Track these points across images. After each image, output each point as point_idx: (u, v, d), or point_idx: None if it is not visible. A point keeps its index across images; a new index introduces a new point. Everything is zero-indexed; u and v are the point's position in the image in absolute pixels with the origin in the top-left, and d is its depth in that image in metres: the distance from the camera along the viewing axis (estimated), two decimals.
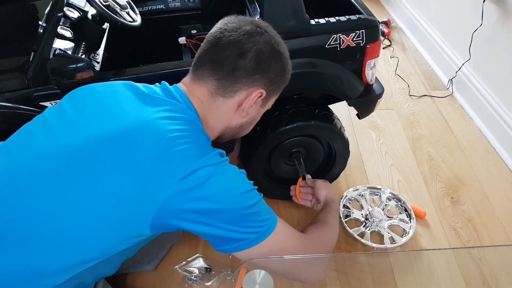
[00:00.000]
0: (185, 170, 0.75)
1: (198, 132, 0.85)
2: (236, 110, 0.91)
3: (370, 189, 1.64)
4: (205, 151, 0.80)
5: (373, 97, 1.39)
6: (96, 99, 0.88)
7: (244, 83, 0.88)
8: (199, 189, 0.76)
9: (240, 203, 0.81)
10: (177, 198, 0.75)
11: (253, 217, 0.83)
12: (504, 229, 1.51)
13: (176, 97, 0.87)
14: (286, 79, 0.97)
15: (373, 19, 1.25)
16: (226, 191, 0.79)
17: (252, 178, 1.48)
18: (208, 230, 0.81)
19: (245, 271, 1.33)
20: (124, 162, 0.76)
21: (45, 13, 1.27)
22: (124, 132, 0.78)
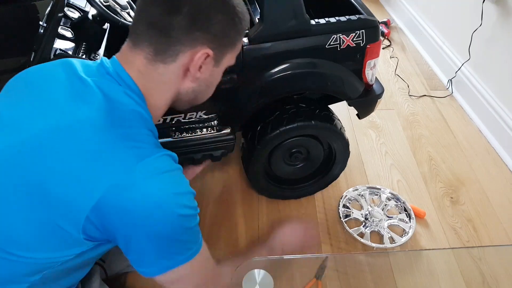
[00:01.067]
0: (117, 174, 0.66)
1: (139, 123, 0.75)
2: (184, 75, 0.79)
3: (369, 189, 1.64)
4: (148, 151, 0.70)
5: (373, 97, 1.39)
6: (27, 91, 0.79)
7: (184, 44, 0.74)
8: (131, 200, 0.66)
9: (175, 226, 0.70)
10: (107, 204, 0.66)
11: (182, 243, 0.74)
12: (504, 229, 1.52)
13: (113, 75, 0.76)
14: (240, 29, 0.81)
15: (373, 19, 1.25)
16: (166, 212, 0.68)
17: (252, 178, 1.51)
18: (133, 248, 0.72)
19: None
20: (53, 161, 0.68)
21: (46, 13, 1.27)
22: (52, 130, 0.70)
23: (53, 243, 0.72)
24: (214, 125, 1.34)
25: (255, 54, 1.19)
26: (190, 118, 1.30)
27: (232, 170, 1.73)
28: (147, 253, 0.73)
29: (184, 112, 1.28)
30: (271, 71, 1.22)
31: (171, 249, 0.73)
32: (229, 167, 1.75)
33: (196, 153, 1.37)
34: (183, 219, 0.70)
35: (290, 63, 1.22)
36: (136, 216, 0.67)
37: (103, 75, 0.77)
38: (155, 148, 0.72)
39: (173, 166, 0.73)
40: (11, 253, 0.72)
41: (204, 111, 1.30)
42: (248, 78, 1.23)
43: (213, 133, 1.33)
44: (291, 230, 1.19)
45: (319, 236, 1.37)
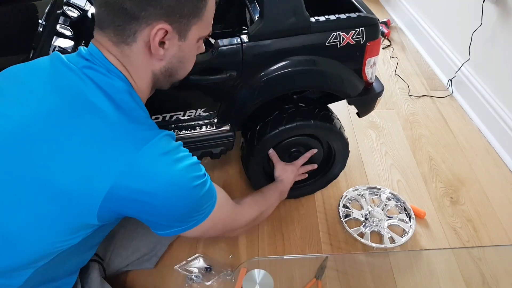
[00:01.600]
0: (126, 158, 0.67)
1: (135, 106, 0.76)
2: (150, 54, 0.77)
3: (369, 189, 1.64)
4: (151, 134, 0.71)
5: (373, 95, 1.39)
6: (16, 80, 0.79)
7: (138, 22, 0.72)
8: (142, 182, 0.69)
9: (189, 199, 0.76)
10: (120, 190, 0.68)
11: (199, 208, 0.80)
12: (504, 229, 1.51)
13: (93, 61, 0.77)
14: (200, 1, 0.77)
15: (373, 17, 1.25)
16: (178, 188, 0.72)
17: (252, 177, 1.51)
18: (150, 218, 0.78)
19: (245, 270, 1.33)
20: (55, 149, 0.68)
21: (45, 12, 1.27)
22: (50, 114, 0.71)
23: (64, 230, 0.74)
24: (213, 122, 1.34)
25: (255, 52, 1.18)
26: (190, 115, 1.30)
27: (231, 170, 1.73)
28: (165, 222, 0.79)
29: (183, 109, 1.28)
30: (271, 68, 1.21)
31: (191, 214, 0.79)
32: (228, 167, 1.75)
33: (196, 151, 1.36)
34: (196, 188, 0.76)
35: (290, 60, 1.21)
36: (151, 196, 0.70)
37: (84, 59, 0.77)
38: (156, 129, 0.74)
39: (175, 143, 0.76)
40: (18, 243, 0.72)
41: (203, 108, 1.30)
42: (247, 76, 1.23)
43: (212, 130, 1.32)
44: (284, 165, 1.38)
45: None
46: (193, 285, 1.30)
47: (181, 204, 0.75)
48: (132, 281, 1.31)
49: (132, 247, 1.22)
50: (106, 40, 0.76)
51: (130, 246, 1.21)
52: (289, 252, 1.42)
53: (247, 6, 1.41)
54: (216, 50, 1.16)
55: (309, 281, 1.33)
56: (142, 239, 1.23)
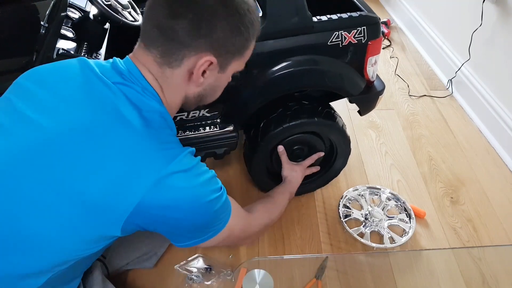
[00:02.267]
0: (155, 175, 0.70)
1: (163, 124, 0.80)
2: (189, 79, 0.81)
3: (369, 189, 1.64)
4: (176, 152, 0.75)
5: (375, 94, 1.40)
6: (44, 85, 0.80)
7: (188, 49, 0.75)
8: (169, 197, 0.73)
9: (207, 212, 0.80)
10: (146, 205, 0.71)
11: (216, 220, 0.84)
12: (504, 229, 1.52)
13: (128, 76, 0.79)
14: (247, 37, 0.80)
15: (374, 16, 1.25)
16: (197, 201, 0.77)
17: (254, 175, 1.51)
18: (170, 230, 0.82)
19: (245, 270, 1.33)
20: (87, 162, 0.70)
21: (47, 14, 1.27)
22: (83, 126, 0.72)
23: (87, 240, 0.77)
24: (216, 123, 1.34)
25: (257, 52, 1.18)
26: (193, 116, 1.30)
27: (232, 170, 1.73)
28: (185, 235, 0.83)
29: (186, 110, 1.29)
30: (274, 68, 1.22)
31: (210, 226, 0.83)
32: (229, 167, 1.75)
33: (199, 151, 1.37)
34: (215, 201, 0.80)
35: (293, 60, 1.22)
36: (175, 211, 0.75)
37: (120, 76, 0.79)
38: (180, 147, 0.78)
39: (196, 160, 0.80)
40: (42, 250, 0.74)
41: (206, 109, 1.30)
42: (250, 76, 1.23)
43: (216, 131, 1.33)
44: (291, 165, 1.40)
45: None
46: (193, 285, 1.30)
47: (202, 217, 0.79)
48: (132, 280, 1.31)
49: (133, 246, 1.22)
50: (150, 60, 0.78)
51: (131, 245, 1.21)
52: (289, 252, 1.42)
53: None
54: None
55: (309, 281, 1.33)
56: (142, 238, 1.24)
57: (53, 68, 0.83)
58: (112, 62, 0.82)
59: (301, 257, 1.40)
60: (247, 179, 1.65)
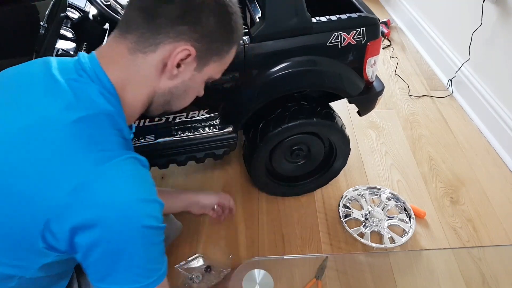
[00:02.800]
0: (78, 177, 0.61)
1: (105, 123, 0.70)
2: (162, 71, 0.74)
3: (369, 189, 1.64)
4: (111, 154, 0.65)
5: (374, 94, 1.40)
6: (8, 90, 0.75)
7: (167, 35, 0.70)
8: (91, 208, 0.61)
9: (138, 239, 0.64)
10: (65, 213, 0.61)
11: (146, 261, 0.68)
12: (504, 229, 1.52)
13: (88, 72, 0.72)
14: (231, 40, 0.77)
15: (373, 17, 1.25)
16: (124, 219, 0.62)
17: (254, 175, 1.51)
18: (93, 261, 0.66)
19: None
20: (17, 168, 0.64)
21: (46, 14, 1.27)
22: (18, 130, 0.67)
23: (16, 251, 0.69)
24: (216, 123, 1.34)
25: (257, 53, 1.19)
26: (193, 117, 1.31)
27: (232, 170, 1.73)
28: (105, 270, 0.67)
29: (186, 111, 1.29)
30: (273, 69, 1.22)
31: (133, 267, 0.67)
32: (229, 167, 1.75)
33: (199, 152, 1.37)
34: (148, 231, 0.65)
35: (292, 61, 1.22)
36: (98, 222, 0.62)
37: (78, 72, 0.73)
38: (120, 150, 0.67)
39: (139, 170, 0.67)
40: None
41: (206, 109, 1.30)
42: (249, 76, 1.23)
43: (215, 131, 1.33)
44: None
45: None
46: (193, 285, 1.30)
47: (126, 245, 0.64)
48: None
49: None
50: (121, 49, 0.72)
51: None
52: (289, 252, 1.42)
53: (247, 6, 1.41)
54: None
55: (309, 281, 1.33)
56: None
57: (17, 70, 0.79)
58: (76, 58, 0.76)
59: (301, 257, 1.41)
60: (247, 179, 1.65)
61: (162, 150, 1.30)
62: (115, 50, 0.73)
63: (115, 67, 0.73)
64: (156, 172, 1.68)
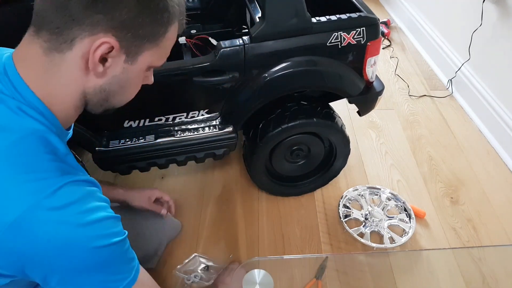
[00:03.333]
0: (12, 214, 0.57)
1: (38, 149, 0.62)
2: (85, 68, 0.64)
3: (369, 189, 1.64)
4: (50, 183, 0.59)
5: (374, 94, 1.40)
6: None
7: (81, 27, 0.60)
8: (33, 241, 0.58)
9: (90, 262, 0.62)
10: (10, 246, 0.58)
11: (106, 276, 0.66)
12: (504, 229, 1.51)
13: (5, 85, 0.63)
14: (161, 21, 0.66)
15: (373, 17, 1.25)
16: (71, 248, 0.60)
17: (254, 175, 1.52)
18: (52, 285, 0.64)
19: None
20: None
21: None
22: None
23: None
24: (216, 123, 1.34)
25: (257, 53, 1.19)
26: (193, 117, 1.31)
27: (232, 170, 1.73)
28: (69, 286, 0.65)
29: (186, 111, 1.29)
30: (273, 69, 1.22)
31: (97, 284, 0.65)
32: (229, 167, 1.75)
33: (199, 152, 1.37)
34: (101, 250, 0.62)
35: (292, 61, 1.22)
36: (45, 257, 0.60)
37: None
38: (58, 177, 0.61)
39: (80, 192, 0.62)
40: None
41: (206, 110, 1.30)
42: (249, 76, 1.23)
43: (215, 132, 1.33)
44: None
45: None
46: (193, 285, 1.30)
47: (78, 269, 0.62)
48: None
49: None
50: (35, 49, 0.63)
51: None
52: (289, 252, 1.42)
53: (247, 6, 1.41)
54: (218, 52, 1.17)
55: (309, 281, 1.33)
56: (138, 239, 1.23)
57: None
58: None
59: (301, 257, 1.40)
60: (247, 179, 1.65)
61: (162, 150, 1.30)
62: (30, 52, 0.63)
63: (34, 74, 0.64)
64: (156, 172, 1.68)
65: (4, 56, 0.66)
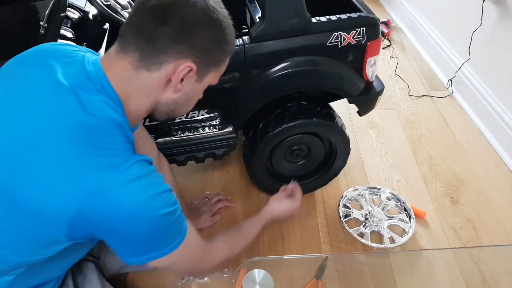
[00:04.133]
0: (94, 184, 0.68)
1: (114, 131, 0.75)
2: (166, 84, 0.80)
3: (369, 189, 1.64)
4: (122, 159, 0.71)
5: (374, 94, 1.40)
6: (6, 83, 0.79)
7: (169, 54, 0.75)
8: (111, 208, 0.69)
9: (156, 226, 0.75)
10: (86, 214, 0.69)
11: (167, 237, 0.79)
12: (504, 229, 1.51)
13: (93, 81, 0.76)
14: (225, 50, 0.83)
15: (373, 17, 1.25)
16: (144, 214, 0.72)
17: (254, 175, 1.52)
18: (117, 245, 0.78)
19: (245, 270, 1.33)
20: (27, 170, 0.69)
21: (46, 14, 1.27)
22: (28, 136, 0.71)
23: (35, 245, 0.76)
24: (216, 123, 1.34)
25: (257, 53, 1.19)
26: (193, 117, 1.31)
27: (232, 170, 1.73)
28: (132, 250, 0.78)
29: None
30: (273, 69, 1.22)
31: (157, 243, 0.78)
32: (229, 167, 1.75)
33: (199, 152, 1.37)
34: (164, 217, 0.74)
35: (292, 61, 1.22)
36: (117, 222, 0.71)
37: (82, 79, 0.76)
38: (129, 155, 0.73)
39: (147, 169, 0.75)
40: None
41: (206, 109, 1.30)
42: (249, 77, 1.23)
43: (215, 131, 1.33)
44: (279, 202, 1.26)
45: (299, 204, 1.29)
46: (187, 283, 1.31)
47: (146, 232, 0.75)
48: (132, 281, 1.31)
49: None
50: (125, 63, 0.77)
51: None
52: (289, 252, 1.42)
53: (247, 6, 1.41)
54: None
55: (309, 281, 1.33)
56: None
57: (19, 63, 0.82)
58: (80, 62, 0.79)
59: (301, 257, 1.41)
60: (247, 179, 1.65)
61: (162, 150, 1.31)
62: (119, 64, 0.77)
63: (119, 80, 0.77)
64: None
65: (91, 59, 0.80)
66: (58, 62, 0.79)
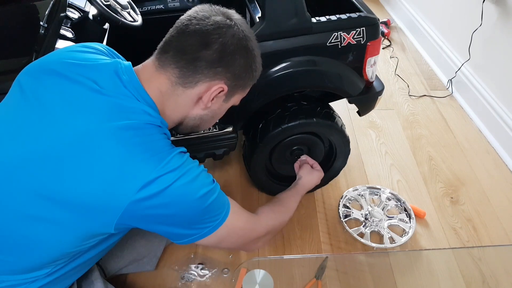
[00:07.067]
0: (143, 179, 0.75)
1: (154, 131, 0.82)
2: (196, 101, 0.89)
3: (369, 189, 1.64)
4: (164, 155, 0.79)
5: (374, 94, 1.40)
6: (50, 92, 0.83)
7: (205, 75, 0.84)
8: (159, 197, 0.76)
9: (199, 206, 0.82)
10: (137, 206, 0.76)
11: (210, 214, 0.85)
12: (504, 229, 1.52)
13: (131, 91, 0.83)
14: (253, 77, 0.94)
15: (373, 17, 1.25)
16: (187, 197, 0.80)
17: (254, 176, 1.52)
18: (167, 229, 0.84)
19: (245, 270, 1.33)
20: (78, 170, 0.75)
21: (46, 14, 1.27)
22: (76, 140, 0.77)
23: (81, 237, 0.82)
24: (216, 124, 1.34)
25: None
26: None
27: (232, 170, 1.73)
28: (181, 231, 0.85)
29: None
30: (273, 69, 1.22)
31: (203, 221, 0.84)
32: (229, 167, 1.75)
33: (199, 152, 1.37)
34: (204, 197, 0.81)
35: (292, 61, 1.22)
36: (166, 209, 0.78)
37: (119, 88, 0.82)
38: (168, 150, 0.80)
39: (184, 159, 0.82)
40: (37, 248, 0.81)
41: None
42: None
43: (215, 131, 1.33)
44: (308, 167, 1.39)
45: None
46: (187, 283, 1.31)
47: (194, 212, 0.82)
48: (132, 281, 1.31)
49: (127, 247, 1.21)
50: (163, 78, 0.84)
51: (125, 246, 1.20)
52: (289, 252, 1.42)
53: (247, 6, 1.41)
54: None
55: (309, 281, 1.33)
56: (136, 238, 1.23)
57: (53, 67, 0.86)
58: (113, 69, 0.84)
59: (301, 257, 1.41)
60: (247, 179, 1.65)
61: None
62: (158, 78, 0.85)
63: (157, 93, 0.85)
64: None
65: (123, 67, 0.85)
66: (94, 72, 0.84)
